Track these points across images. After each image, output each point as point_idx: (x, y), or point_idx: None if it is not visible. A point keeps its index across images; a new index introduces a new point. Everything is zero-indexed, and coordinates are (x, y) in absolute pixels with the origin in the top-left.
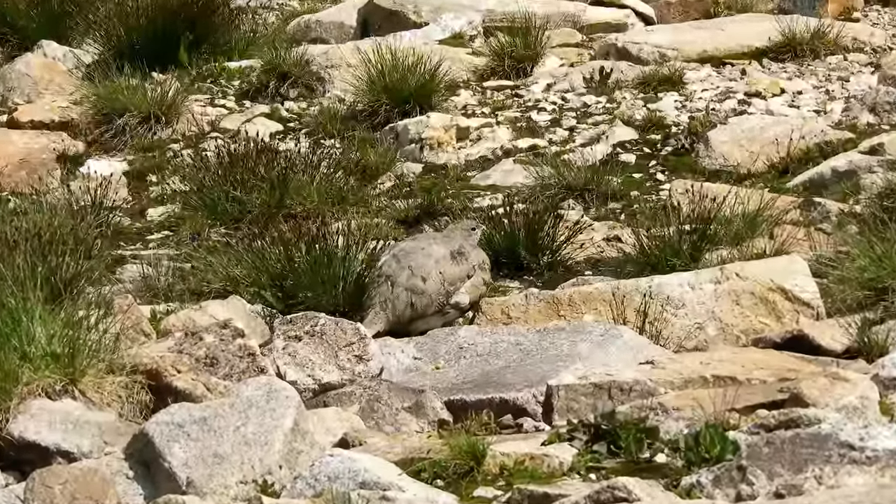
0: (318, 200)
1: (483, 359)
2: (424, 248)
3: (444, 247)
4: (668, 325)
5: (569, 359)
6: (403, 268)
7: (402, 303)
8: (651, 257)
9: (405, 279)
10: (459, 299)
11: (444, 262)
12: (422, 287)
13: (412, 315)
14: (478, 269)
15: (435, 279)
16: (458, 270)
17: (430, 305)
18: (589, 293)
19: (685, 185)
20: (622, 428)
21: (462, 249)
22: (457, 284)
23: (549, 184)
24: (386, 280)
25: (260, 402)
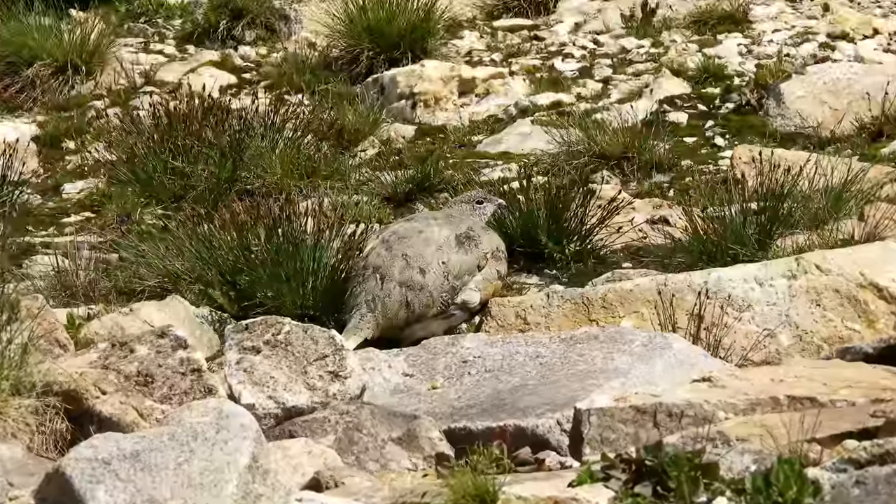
0: (282, 173)
1: (493, 375)
2: (423, 232)
3: (448, 229)
4: (730, 332)
5: (603, 375)
6: (396, 256)
7: (394, 302)
8: (707, 245)
9: (398, 271)
10: (467, 297)
11: (447, 249)
12: (420, 281)
13: (408, 318)
14: (490, 259)
15: (436, 271)
16: (466, 260)
17: (431, 305)
18: (628, 291)
19: (751, 153)
20: (671, 464)
21: (470, 232)
22: (464, 278)
23: (577, 151)
24: (374, 273)
25: (208, 432)
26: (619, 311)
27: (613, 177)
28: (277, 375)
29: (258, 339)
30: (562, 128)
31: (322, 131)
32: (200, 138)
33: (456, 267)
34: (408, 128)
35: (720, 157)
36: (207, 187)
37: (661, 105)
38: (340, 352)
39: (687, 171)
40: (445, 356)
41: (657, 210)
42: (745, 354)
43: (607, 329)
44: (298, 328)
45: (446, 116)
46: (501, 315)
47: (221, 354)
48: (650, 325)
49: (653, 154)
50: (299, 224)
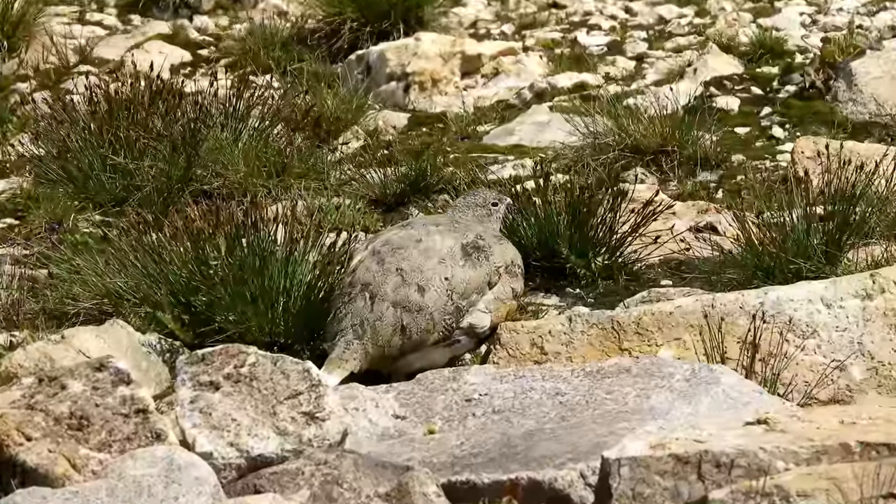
0: (247, 170)
1: (503, 417)
2: (422, 241)
3: (452, 237)
4: (791, 364)
5: (636, 417)
6: (389, 271)
7: (387, 326)
8: (764, 258)
9: (392, 289)
10: (476, 320)
11: (451, 263)
12: (418, 301)
13: (403, 346)
14: (504, 274)
15: (438, 289)
16: (475, 275)
17: (432, 330)
18: (668, 314)
19: (816, 146)
20: None
21: (479, 242)
22: (471, 297)
23: (605, 144)
24: (362, 291)
25: (155, 487)
26: (657, 339)
27: (649, 175)
28: (240, 417)
29: (217, 372)
30: (586, 115)
31: (295, 120)
32: (147, 129)
33: (462, 284)
34: (399, 116)
35: (779, 151)
36: (156, 188)
37: (708, 88)
38: (317, 388)
39: (738, 167)
40: (445, 393)
41: (702, 216)
42: (810, 391)
43: (642, 360)
44: (266, 359)
45: (446, 102)
46: (513, 343)
47: (172, 391)
48: (694, 356)
49: (697, 147)
50: (267, 233)
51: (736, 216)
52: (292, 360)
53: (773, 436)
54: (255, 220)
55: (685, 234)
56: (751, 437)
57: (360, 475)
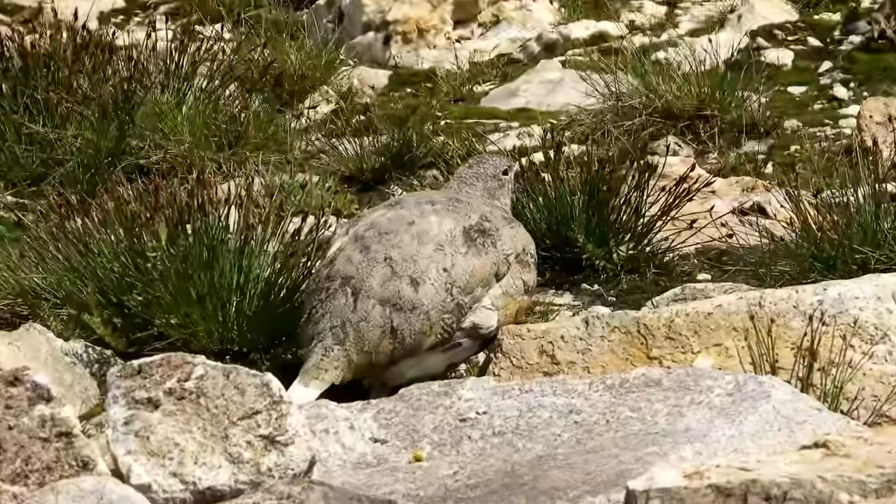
0: (192, 140)
1: (505, 441)
2: (415, 223)
3: (452, 219)
4: (857, 375)
5: (668, 440)
6: (376, 262)
7: (373, 329)
8: (823, 246)
9: (379, 283)
10: (480, 319)
11: (451, 250)
12: (411, 298)
13: (394, 351)
14: (515, 263)
15: (435, 282)
16: (479, 265)
17: (428, 332)
18: (706, 315)
19: (887, 108)
20: None
21: (485, 224)
22: (475, 292)
23: (629, 107)
24: (343, 286)
25: None
26: (693, 345)
27: (684, 145)
28: (185, 442)
29: (157, 387)
30: (607, 72)
31: (251, 79)
32: (71, 90)
33: (464, 276)
34: (379, 73)
35: (841, 116)
36: (81, 162)
37: (754, 39)
38: (278, 406)
39: (792, 136)
40: (434, 412)
41: (748, 194)
42: (880, 407)
43: (675, 371)
44: (217, 371)
45: (436, 56)
46: (518, 351)
47: (102, 410)
48: (738, 365)
49: (742, 111)
50: (218, 218)
51: (789, 195)
52: (248, 373)
53: (834, 462)
54: (202, 201)
55: (727, 217)
56: (808, 464)
57: None
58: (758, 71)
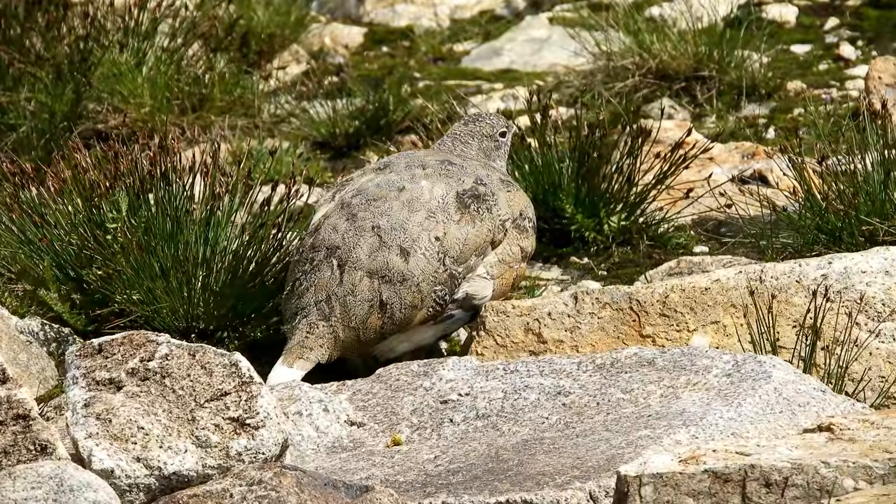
0: (153, 104)
1: (489, 424)
2: (405, 189)
3: (444, 183)
4: (863, 354)
5: (661, 422)
6: (363, 230)
7: (361, 303)
8: (828, 217)
9: (367, 254)
10: (474, 289)
11: (443, 217)
12: (401, 269)
13: (383, 326)
14: (511, 228)
15: (427, 252)
16: (473, 232)
17: (419, 305)
18: (703, 290)
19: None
20: None
21: (479, 188)
22: (469, 261)
23: (621, 67)
24: (328, 257)
25: None
26: (689, 322)
27: (680, 108)
28: (150, 425)
29: (118, 367)
30: (597, 30)
31: (216, 37)
32: (23, 50)
33: (457, 244)
34: (352, 31)
35: (848, 77)
36: (35, 127)
37: None
38: (248, 387)
39: (796, 98)
40: (414, 393)
41: (749, 161)
42: (887, 389)
43: (669, 350)
44: (182, 350)
45: (414, 12)
46: (502, 328)
47: (61, 392)
48: (737, 344)
49: (742, 72)
50: (182, 186)
51: (792, 162)
52: (216, 352)
53: (839, 446)
54: (164, 169)
55: (726, 185)
56: (810, 449)
57: (304, 497)
58: (759, 28)
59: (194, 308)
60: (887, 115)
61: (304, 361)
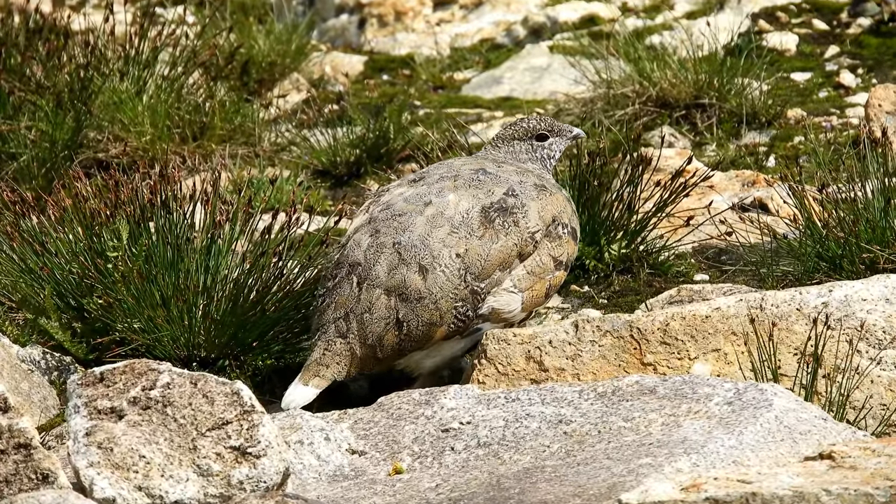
0: (154, 133)
1: (491, 452)
2: (431, 204)
3: (471, 197)
4: (864, 382)
5: (663, 451)
6: (384, 247)
7: (378, 320)
8: (829, 244)
9: (386, 271)
10: (500, 304)
11: (466, 233)
12: (418, 287)
13: (401, 343)
14: (542, 239)
15: (447, 268)
16: (497, 248)
17: (438, 323)
18: (703, 318)
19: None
20: None
21: (508, 201)
22: (494, 275)
23: (622, 95)
24: (349, 274)
25: None
26: (690, 350)
27: (680, 136)
28: (151, 453)
29: (120, 396)
30: (598, 58)
31: (217, 66)
32: (24, 78)
33: (479, 261)
34: (353, 59)
35: (848, 105)
36: (36, 156)
37: (756, 21)
38: (250, 416)
39: (796, 126)
40: (415, 422)
41: (749, 189)
42: (889, 417)
43: (670, 378)
44: (184, 379)
45: (414, 41)
46: (503, 356)
47: (62, 421)
48: (738, 372)
49: (742, 100)
50: (182, 215)
51: (793, 190)
52: (217, 381)
53: (840, 474)
54: (165, 197)
55: (726, 213)
56: (812, 477)
57: None
58: (759, 56)
59: (195, 336)
60: (888, 142)
61: (319, 379)
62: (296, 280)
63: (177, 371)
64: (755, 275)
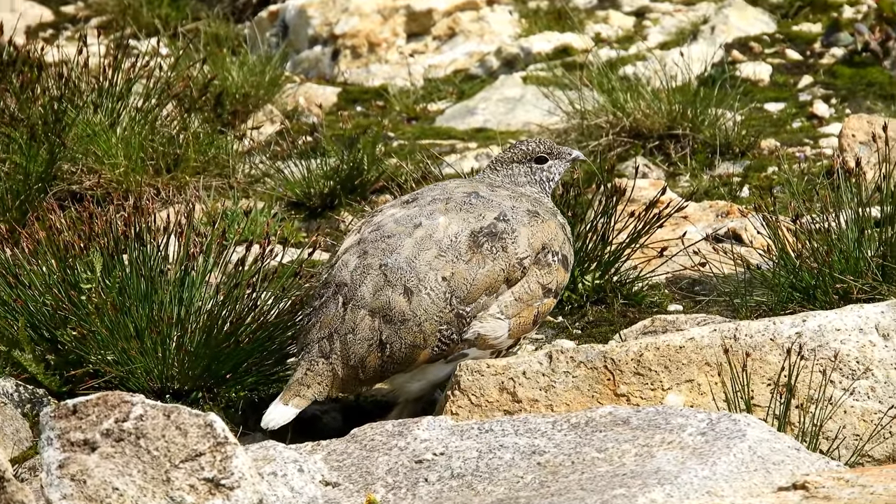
0: (128, 164)
1: (464, 483)
2: (421, 225)
3: (460, 221)
4: (838, 412)
5: (637, 482)
6: (371, 268)
7: (361, 341)
8: (803, 275)
9: (371, 292)
10: (487, 329)
11: (453, 256)
12: (402, 309)
13: (383, 365)
14: (531, 266)
15: (433, 291)
16: (484, 273)
17: (421, 346)
18: (677, 349)
19: (871, 126)
20: None
21: (498, 226)
22: (479, 300)
23: (595, 125)
24: (335, 294)
25: None
26: (663, 381)
27: (654, 167)
28: (124, 486)
29: (93, 428)
30: (571, 89)
31: (190, 98)
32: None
33: (465, 284)
34: (327, 91)
35: (822, 135)
36: (9, 188)
37: (729, 51)
38: (223, 447)
39: (770, 156)
40: (389, 453)
41: (723, 220)
42: (861, 447)
43: (644, 409)
44: (157, 411)
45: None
46: (477, 387)
47: (35, 453)
48: (711, 403)
49: (716, 130)
50: (156, 247)
51: (766, 220)
52: (190, 412)
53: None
54: (139, 230)
55: (700, 244)
56: None
57: None
58: (732, 86)
59: (169, 368)
60: (861, 172)
61: (300, 399)
62: (269, 312)
63: (150, 403)
64: (729, 305)
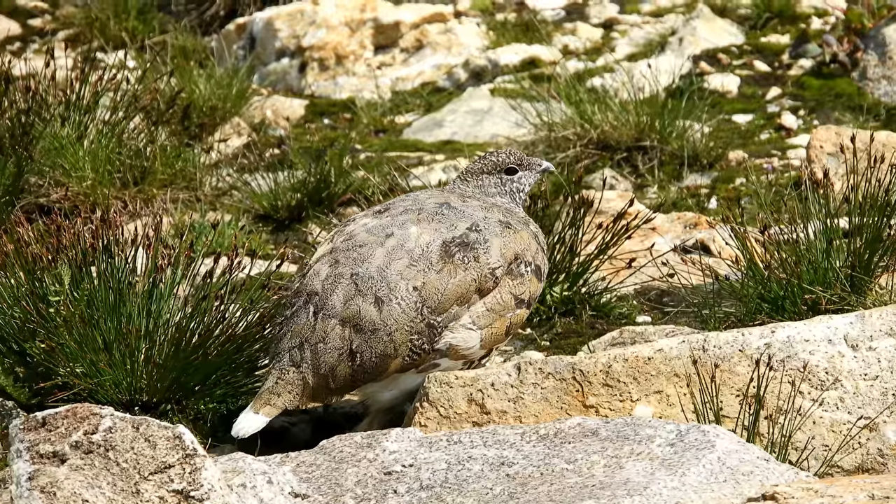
0: (95, 177)
1: (433, 495)
2: (393, 235)
3: (432, 231)
4: (807, 423)
5: (605, 492)
6: (342, 277)
7: (331, 351)
8: (771, 286)
9: (342, 301)
10: (458, 340)
11: (425, 266)
12: (373, 318)
13: (354, 375)
14: (504, 276)
15: (403, 301)
16: (455, 283)
17: (392, 354)
18: (646, 360)
19: (839, 137)
20: None
21: (470, 236)
22: (451, 310)
23: (563, 137)
24: (307, 304)
25: None
26: (632, 392)
27: (621, 178)
28: (94, 498)
29: (62, 440)
30: (539, 101)
31: (157, 111)
32: None
33: (436, 294)
34: (294, 103)
35: (790, 146)
36: None
37: (697, 63)
38: (192, 460)
39: (738, 168)
40: (357, 465)
41: (691, 231)
42: (830, 458)
43: (613, 421)
44: (126, 423)
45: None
46: (445, 399)
47: (5, 465)
48: (680, 414)
49: (684, 142)
50: (124, 259)
51: (734, 232)
52: (159, 425)
53: None
54: (107, 242)
55: (668, 255)
56: None
57: None
58: (701, 98)
59: (137, 381)
60: (829, 183)
61: (270, 408)
62: (238, 324)
63: (119, 415)
64: (697, 316)
